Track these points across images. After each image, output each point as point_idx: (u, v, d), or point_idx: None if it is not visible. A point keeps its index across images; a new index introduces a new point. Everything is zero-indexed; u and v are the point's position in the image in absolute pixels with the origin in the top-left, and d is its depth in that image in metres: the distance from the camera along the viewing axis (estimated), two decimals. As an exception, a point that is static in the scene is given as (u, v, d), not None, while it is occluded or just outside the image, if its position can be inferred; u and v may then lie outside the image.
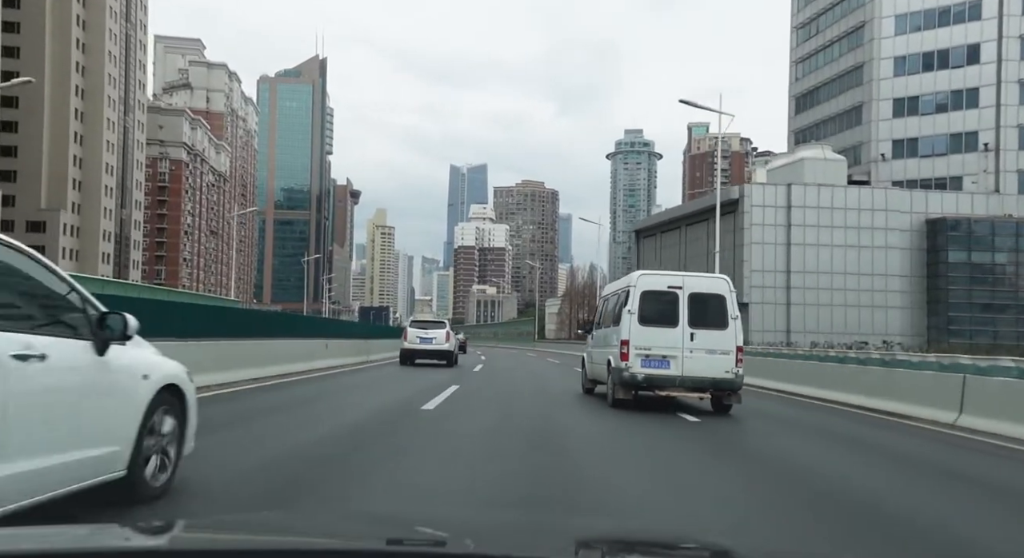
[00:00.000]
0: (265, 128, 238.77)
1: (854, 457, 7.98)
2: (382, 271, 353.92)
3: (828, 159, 52.80)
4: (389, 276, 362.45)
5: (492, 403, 11.89)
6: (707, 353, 10.89)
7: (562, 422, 9.86)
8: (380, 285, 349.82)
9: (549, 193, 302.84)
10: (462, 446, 7.27)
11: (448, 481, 5.51)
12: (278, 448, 6.71)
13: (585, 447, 7.88)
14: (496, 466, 6.24)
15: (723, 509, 5.05)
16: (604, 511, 4.71)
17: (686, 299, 11.03)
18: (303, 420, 8.88)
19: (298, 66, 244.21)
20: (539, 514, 4.10)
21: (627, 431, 9.10)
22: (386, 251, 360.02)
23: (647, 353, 10.89)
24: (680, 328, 10.94)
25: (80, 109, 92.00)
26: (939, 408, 10.86)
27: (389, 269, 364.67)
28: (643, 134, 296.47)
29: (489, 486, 5.42)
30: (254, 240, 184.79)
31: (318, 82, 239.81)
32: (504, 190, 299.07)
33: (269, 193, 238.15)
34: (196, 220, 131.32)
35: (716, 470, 6.83)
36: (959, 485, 6.68)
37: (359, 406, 10.64)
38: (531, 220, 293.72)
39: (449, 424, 8.67)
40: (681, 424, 10.04)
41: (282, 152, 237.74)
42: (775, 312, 50.76)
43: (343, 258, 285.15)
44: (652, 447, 8.07)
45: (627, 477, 6.19)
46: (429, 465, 6.14)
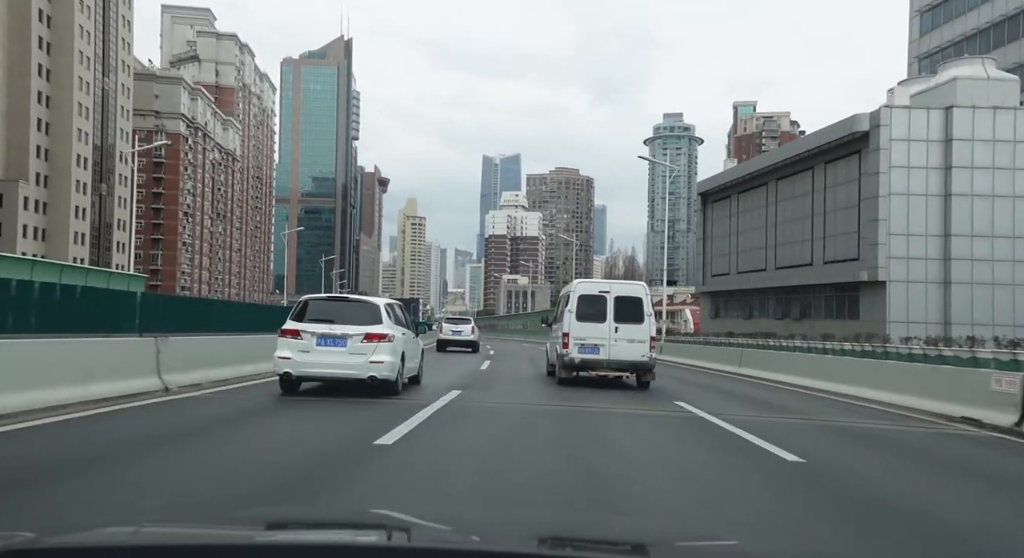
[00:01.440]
0: (289, 113, 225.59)
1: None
2: (413, 262, 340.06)
3: (994, 79, 35.91)
4: (420, 267, 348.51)
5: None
6: (627, 342, 14.00)
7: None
8: (411, 276, 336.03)
9: (584, 180, 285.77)
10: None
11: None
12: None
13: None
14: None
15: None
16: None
17: (612, 301, 14.18)
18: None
19: (323, 48, 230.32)
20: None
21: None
22: (417, 242, 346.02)
23: (583, 342, 14.02)
24: (607, 323, 14.09)
25: (45, 66, 78.01)
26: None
27: (420, 260, 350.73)
28: (683, 118, 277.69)
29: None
30: (269, 228, 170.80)
31: (343, 64, 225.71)
32: (537, 178, 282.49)
33: (293, 180, 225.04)
34: (199, 201, 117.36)
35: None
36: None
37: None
38: (565, 208, 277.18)
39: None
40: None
41: (306, 137, 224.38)
42: (926, 294, 34.22)
43: (371, 248, 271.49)
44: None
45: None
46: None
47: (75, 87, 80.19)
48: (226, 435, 7.32)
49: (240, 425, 7.96)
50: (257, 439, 7.22)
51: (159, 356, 9.99)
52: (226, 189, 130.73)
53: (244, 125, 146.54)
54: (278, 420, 8.59)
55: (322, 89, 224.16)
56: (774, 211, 44.07)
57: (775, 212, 43.98)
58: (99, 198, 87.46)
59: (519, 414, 9.84)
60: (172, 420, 8.06)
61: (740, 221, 47.68)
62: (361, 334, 10.36)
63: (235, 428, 7.77)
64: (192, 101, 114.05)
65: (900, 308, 33.87)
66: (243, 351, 13.01)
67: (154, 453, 6.10)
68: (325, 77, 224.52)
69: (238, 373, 12.25)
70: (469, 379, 15.17)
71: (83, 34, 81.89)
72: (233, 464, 5.82)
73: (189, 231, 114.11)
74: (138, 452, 6.11)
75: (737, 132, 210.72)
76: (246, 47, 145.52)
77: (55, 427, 7.02)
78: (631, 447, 7.62)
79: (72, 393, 8.08)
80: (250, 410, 9.10)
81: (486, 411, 9.92)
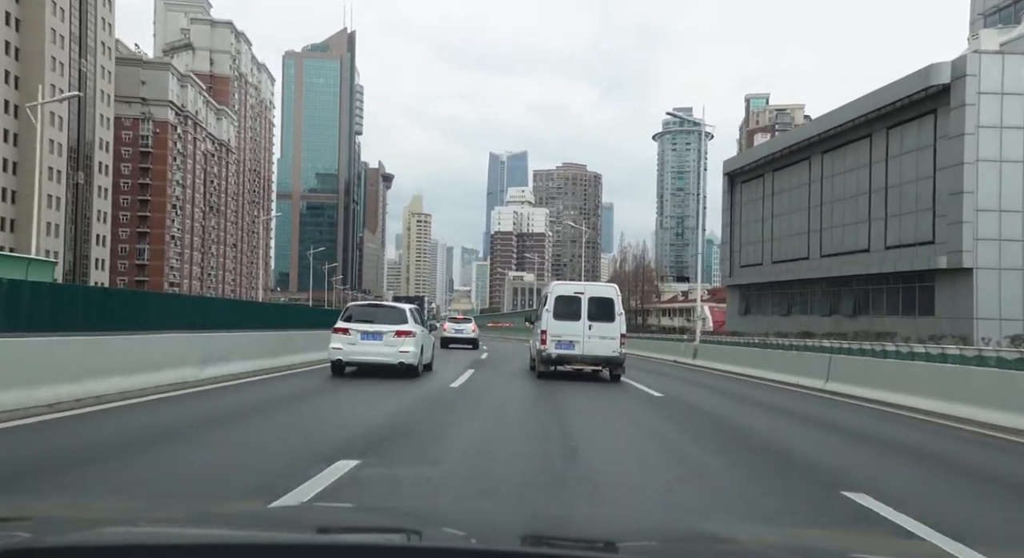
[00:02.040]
0: (291, 107, 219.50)
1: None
2: (418, 260, 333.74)
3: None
4: (426, 265, 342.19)
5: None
6: (600, 338, 14.95)
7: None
8: (416, 274, 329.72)
9: (591, 177, 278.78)
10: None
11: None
12: None
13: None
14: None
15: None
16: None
17: (586, 301, 15.13)
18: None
19: (325, 41, 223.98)
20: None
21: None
22: (423, 239, 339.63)
23: (559, 339, 14.99)
24: (582, 321, 15.04)
25: (13, 43, 71.78)
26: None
27: (426, 258, 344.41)
28: (692, 112, 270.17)
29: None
30: (267, 223, 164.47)
31: (346, 57, 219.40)
32: (544, 173, 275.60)
33: (295, 175, 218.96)
34: (189, 193, 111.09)
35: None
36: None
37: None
38: (572, 205, 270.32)
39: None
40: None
41: (309, 132, 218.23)
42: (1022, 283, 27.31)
43: (376, 245, 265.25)
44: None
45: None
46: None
47: (47, 67, 73.91)
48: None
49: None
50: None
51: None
52: (220, 181, 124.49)
53: (240, 116, 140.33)
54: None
55: (325, 83, 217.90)
56: (819, 189, 37.32)
57: (820, 190, 37.24)
58: (75, 187, 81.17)
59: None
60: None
61: (775, 203, 40.97)
62: (393, 331, 14.19)
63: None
64: (182, 88, 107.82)
65: (990, 301, 27.16)
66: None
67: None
68: (328, 70, 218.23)
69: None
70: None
71: (56, 11, 75.67)
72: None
73: (178, 224, 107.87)
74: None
75: (749, 125, 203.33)
76: (242, 35, 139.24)
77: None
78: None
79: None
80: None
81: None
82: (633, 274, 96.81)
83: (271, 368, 14.25)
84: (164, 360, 10.55)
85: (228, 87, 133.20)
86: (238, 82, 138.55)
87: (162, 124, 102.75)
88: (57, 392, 8.10)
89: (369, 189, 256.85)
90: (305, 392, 11.25)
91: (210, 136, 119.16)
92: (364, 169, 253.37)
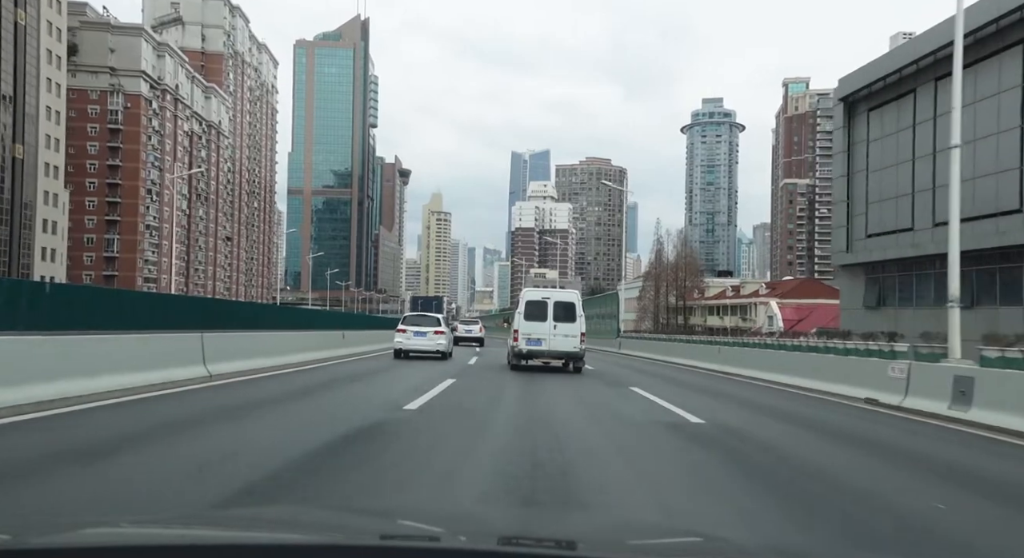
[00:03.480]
0: (302, 98, 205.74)
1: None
2: (438, 259, 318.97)
3: None
4: (446, 265, 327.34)
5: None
6: (563, 336, 17.01)
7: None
8: (436, 274, 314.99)
9: (616, 171, 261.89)
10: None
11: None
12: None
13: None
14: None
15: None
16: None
17: (552, 305, 17.31)
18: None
19: (338, 29, 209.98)
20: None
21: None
22: (442, 238, 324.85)
23: (529, 336, 17.06)
24: (548, 321, 17.12)
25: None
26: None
27: (446, 258, 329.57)
28: (723, 103, 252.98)
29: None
30: (270, 216, 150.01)
31: (360, 45, 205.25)
32: (567, 169, 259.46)
33: (306, 169, 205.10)
34: (169, 178, 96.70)
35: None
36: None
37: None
38: (596, 201, 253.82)
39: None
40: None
41: (321, 124, 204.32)
42: None
43: (393, 243, 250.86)
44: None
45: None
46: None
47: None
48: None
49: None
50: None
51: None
52: (209, 167, 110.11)
53: (237, 99, 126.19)
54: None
55: (337, 72, 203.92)
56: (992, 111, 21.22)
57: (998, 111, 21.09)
58: (12, 163, 66.82)
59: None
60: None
61: (921, 137, 25.06)
62: (432, 330, 21.01)
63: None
64: (159, 58, 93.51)
65: None
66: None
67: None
68: (340, 59, 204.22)
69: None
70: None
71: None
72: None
73: (155, 212, 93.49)
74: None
75: (787, 112, 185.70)
76: (238, 10, 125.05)
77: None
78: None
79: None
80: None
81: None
82: (673, 267, 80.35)
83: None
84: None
85: (221, 65, 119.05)
86: (233, 61, 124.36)
87: (134, 98, 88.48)
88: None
89: (385, 185, 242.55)
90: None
91: (196, 116, 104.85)
92: (380, 164, 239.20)
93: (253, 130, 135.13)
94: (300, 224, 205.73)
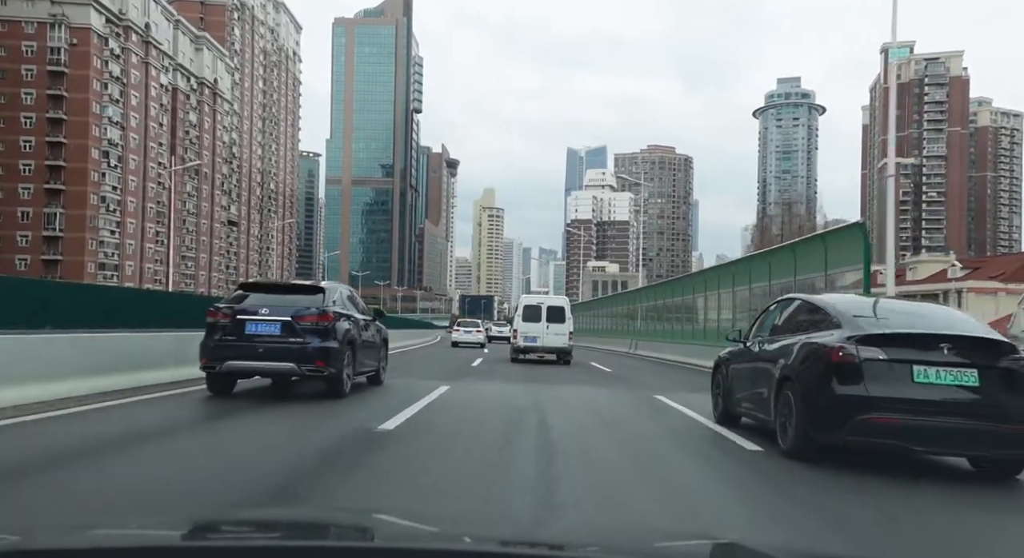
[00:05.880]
0: (340, 81, 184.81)
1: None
2: (490, 257, 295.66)
3: None
4: (498, 263, 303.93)
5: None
6: (555, 335, 19.14)
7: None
8: (487, 273, 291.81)
9: (681, 160, 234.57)
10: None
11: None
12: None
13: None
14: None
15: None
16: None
17: (545, 308, 19.58)
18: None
19: (380, 5, 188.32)
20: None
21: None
22: (494, 236, 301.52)
23: (526, 334, 19.32)
24: (542, 322, 19.27)
25: None
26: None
27: (498, 256, 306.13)
28: (800, 83, 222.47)
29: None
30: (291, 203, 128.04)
31: (402, 21, 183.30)
32: (627, 157, 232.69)
33: (345, 156, 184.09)
34: (136, 140, 74.97)
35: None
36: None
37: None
38: (659, 192, 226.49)
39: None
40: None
41: (361, 108, 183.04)
42: None
43: (440, 238, 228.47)
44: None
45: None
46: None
47: None
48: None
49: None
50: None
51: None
52: (201, 133, 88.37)
53: (245, 60, 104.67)
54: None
55: (378, 53, 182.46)
56: None
57: None
58: None
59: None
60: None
61: None
62: (475, 330, 30.90)
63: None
64: (120, -14, 71.87)
65: None
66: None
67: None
68: (382, 38, 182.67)
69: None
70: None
71: None
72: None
73: (113, 181, 71.73)
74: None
75: (886, 82, 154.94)
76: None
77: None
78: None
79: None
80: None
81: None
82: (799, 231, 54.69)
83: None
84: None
85: (224, 18, 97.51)
86: (240, 15, 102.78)
87: (82, 32, 66.95)
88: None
89: (431, 176, 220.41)
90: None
91: (181, 68, 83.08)
92: (426, 153, 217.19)
93: (268, 100, 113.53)
94: (338, 215, 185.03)
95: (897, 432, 4.76)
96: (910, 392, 4.73)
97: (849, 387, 4.86)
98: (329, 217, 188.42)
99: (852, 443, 4.96)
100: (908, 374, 4.78)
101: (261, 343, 7.59)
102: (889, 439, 4.82)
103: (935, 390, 4.74)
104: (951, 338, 4.88)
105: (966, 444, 4.86)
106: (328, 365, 7.72)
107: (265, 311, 7.69)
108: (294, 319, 7.63)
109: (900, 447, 4.91)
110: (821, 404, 5.02)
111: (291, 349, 7.58)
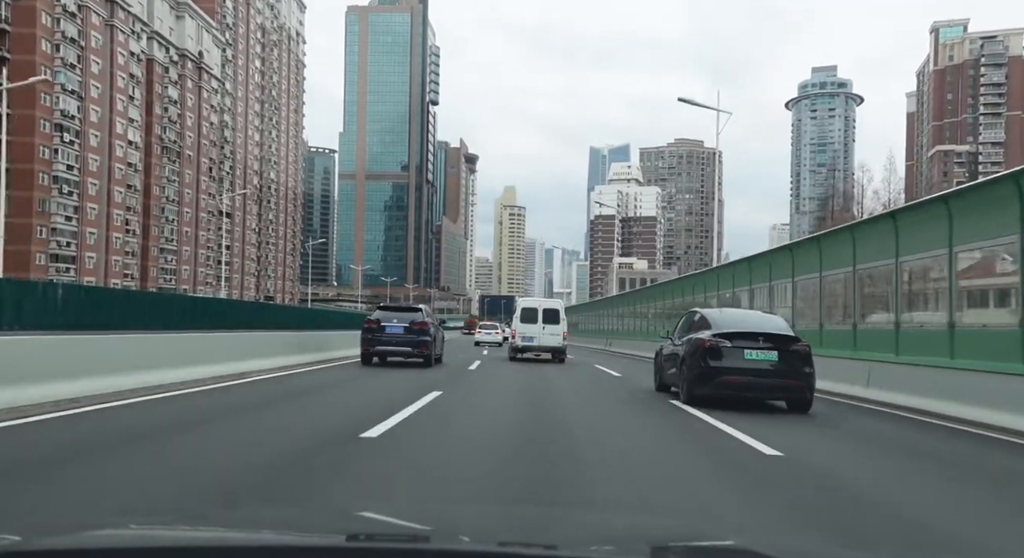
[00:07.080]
0: (354, 72, 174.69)
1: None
2: (511, 257, 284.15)
3: None
4: (519, 263, 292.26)
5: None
6: (550, 335, 20.61)
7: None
8: (509, 273, 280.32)
9: (709, 154, 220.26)
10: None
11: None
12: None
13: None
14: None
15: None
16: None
17: (541, 310, 21.05)
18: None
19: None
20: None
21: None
22: (516, 235, 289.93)
23: (523, 335, 20.80)
24: (538, 323, 20.71)
25: None
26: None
27: (520, 255, 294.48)
28: (836, 72, 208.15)
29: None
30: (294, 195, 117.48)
31: (418, 8, 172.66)
32: (653, 152, 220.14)
33: (359, 149, 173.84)
34: (100, 113, 64.59)
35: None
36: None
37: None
38: (687, 188, 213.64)
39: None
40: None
41: (375, 100, 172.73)
42: None
43: (458, 236, 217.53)
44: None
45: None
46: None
47: None
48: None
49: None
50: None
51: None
52: (184, 111, 77.93)
53: (238, 35, 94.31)
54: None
55: (393, 41, 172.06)
56: None
57: None
58: None
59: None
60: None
61: None
62: (496, 330, 37.21)
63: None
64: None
65: None
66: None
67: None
68: (397, 26, 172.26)
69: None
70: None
71: None
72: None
73: (70, 159, 61.30)
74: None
75: (937, 63, 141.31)
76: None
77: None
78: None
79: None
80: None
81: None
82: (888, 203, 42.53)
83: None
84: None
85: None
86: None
87: (27, -15, 56.54)
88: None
89: (450, 171, 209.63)
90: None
91: (157, 36, 72.68)
92: (444, 148, 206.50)
93: (266, 81, 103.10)
94: (351, 211, 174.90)
95: (739, 386, 9.28)
96: (744, 364, 9.20)
97: (713, 361, 9.27)
98: (343, 213, 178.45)
99: (715, 393, 9.36)
100: (742, 354, 9.23)
101: (394, 337, 15.88)
102: (734, 391, 9.32)
103: (756, 363, 9.22)
104: (764, 334, 9.51)
105: (774, 393, 9.53)
106: (427, 350, 16.06)
107: (395, 321, 16.03)
108: (410, 324, 15.96)
109: (740, 396, 9.44)
110: (699, 371, 9.49)
111: (409, 340, 15.85)
